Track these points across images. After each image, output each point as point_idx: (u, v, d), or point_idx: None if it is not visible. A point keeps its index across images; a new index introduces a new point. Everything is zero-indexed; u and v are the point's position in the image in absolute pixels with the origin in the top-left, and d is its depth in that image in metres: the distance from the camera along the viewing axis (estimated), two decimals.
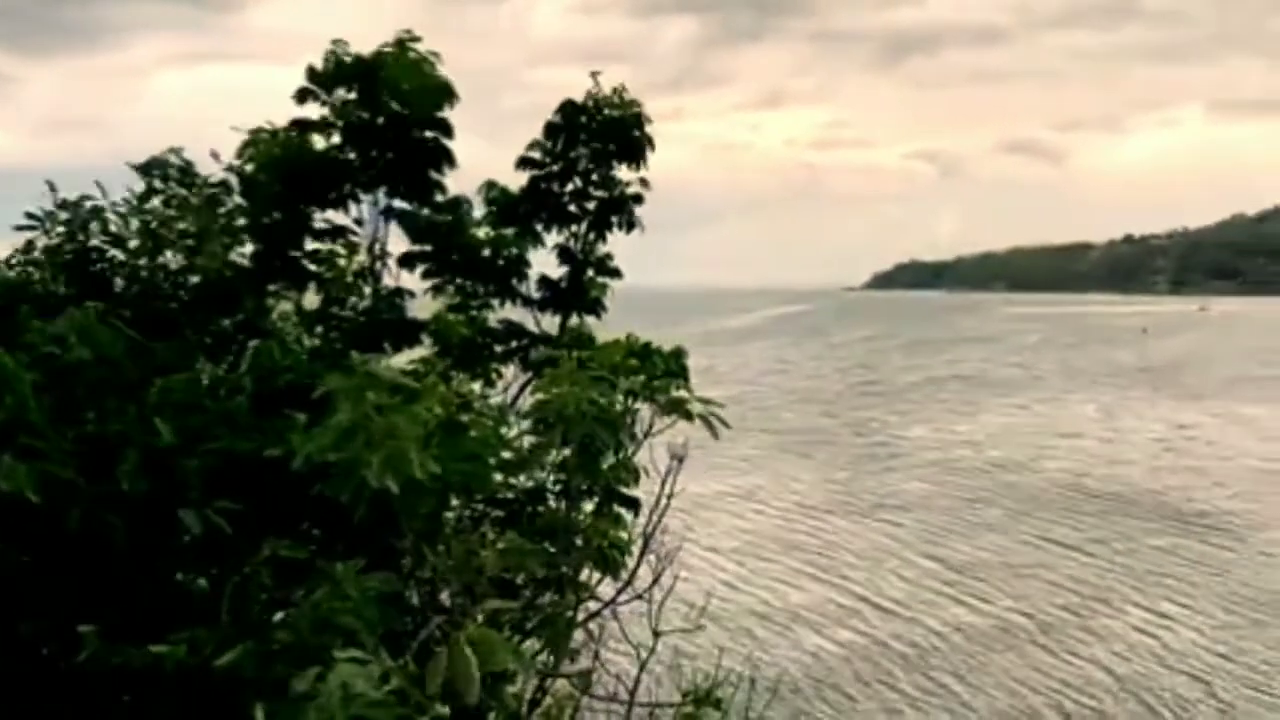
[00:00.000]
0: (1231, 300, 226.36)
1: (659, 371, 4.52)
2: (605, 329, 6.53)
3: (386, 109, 5.73)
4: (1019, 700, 19.47)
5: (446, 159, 5.82)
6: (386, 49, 5.73)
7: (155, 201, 5.93)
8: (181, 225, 5.71)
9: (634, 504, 5.23)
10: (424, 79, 5.68)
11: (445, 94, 5.72)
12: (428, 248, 6.18)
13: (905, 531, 31.47)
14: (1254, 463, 41.42)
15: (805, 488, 37.52)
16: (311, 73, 5.78)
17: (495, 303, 6.49)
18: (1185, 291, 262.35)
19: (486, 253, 6.36)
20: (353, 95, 5.78)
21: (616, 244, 6.92)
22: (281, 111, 6.03)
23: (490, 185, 6.63)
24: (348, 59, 5.76)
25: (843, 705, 19.41)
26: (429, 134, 5.77)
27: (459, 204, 6.12)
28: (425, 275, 6.45)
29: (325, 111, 5.84)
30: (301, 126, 5.80)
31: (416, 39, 5.75)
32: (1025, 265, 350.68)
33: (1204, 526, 31.34)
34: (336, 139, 5.82)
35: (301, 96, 5.80)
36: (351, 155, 5.77)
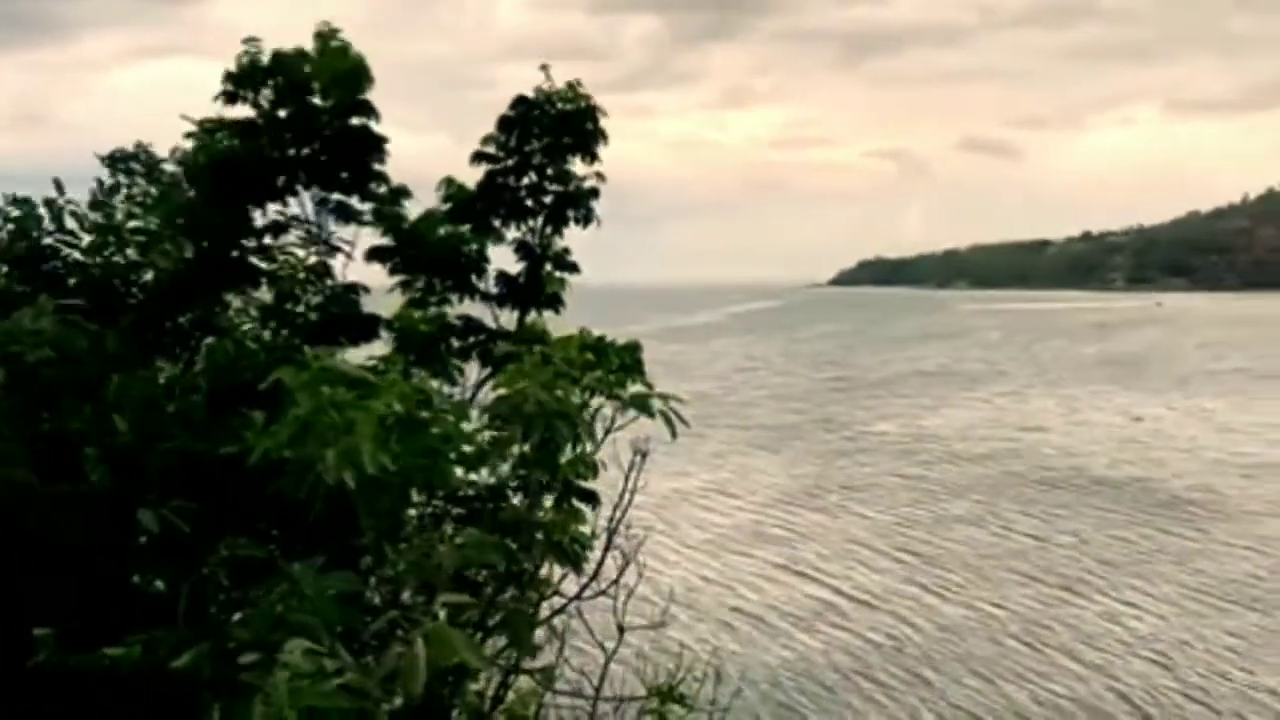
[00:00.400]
0: (1185, 296, 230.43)
1: (614, 366, 4.51)
2: (570, 325, 6.52)
3: (310, 103, 5.69)
4: (990, 687, 19.70)
5: (377, 146, 5.79)
6: (301, 49, 5.69)
7: (118, 197, 5.87)
8: (136, 222, 5.66)
9: (593, 498, 5.22)
10: (340, 66, 5.63)
11: (362, 76, 5.68)
12: (390, 242, 6.15)
13: (874, 524, 31.72)
14: (1213, 454, 42.23)
15: (774, 482, 37.71)
16: (229, 75, 5.74)
17: (454, 298, 6.47)
18: (1141, 288, 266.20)
19: (446, 248, 6.33)
20: (275, 93, 5.73)
21: (583, 242, 6.92)
22: (235, 109, 6.00)
23: (449, 181, 6.61)
24: (264, 59, 5.71)
25: (813, 696, 19.52)
26: (356, 121, 5.74)
27: (399, 194, 6.09)
28: (392, 271, 6.43)
29: (252, 112, 5.79)
30: (229, 128, 5.75)
31: (335, 30, 5.71)
32: (986, 262, 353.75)
33: (1167, 517, 31.90)
34: (267, 138, 5.76)
35: (229, 99, 5.75)
36: (285, 152, 5.72)
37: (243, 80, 5.75)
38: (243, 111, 5.83)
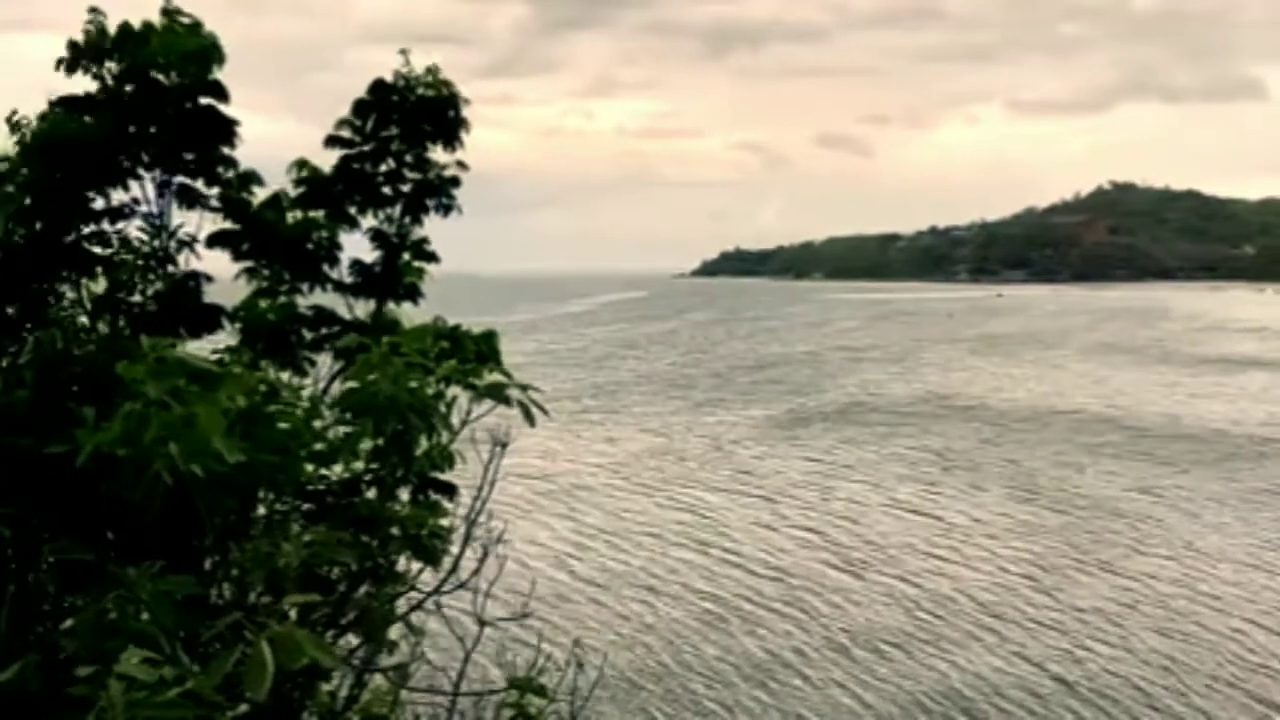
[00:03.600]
0: (1022, 287, 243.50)
1: (470, 354, 4.44)
2: (430, 317, 6.41)
3: (155, 80, 5.38)
4: (832, 663, 20.48)
5: (228, 128, 5.51)
6: (149, 24, 5.38)
7: None
8: None
9: (450, 490, 5.14)
10: (189, 43, 5.34)
11: (213, 55, 5.40)
12: (232, 226, 5.87)
13: (745, 507, 32.46)
14: (1073, 426, 45.79)
15: (645, 469, 38.10)
16: (73, 46, 5.38)
17: (305, 288, 6.23)
18: (984, 279, 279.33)
19: (295, 234, 6.09)
20: (119, 67, 5.40)
21: (452, 232, 6.76)
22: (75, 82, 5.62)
23: (301, 164, 6.37)
24: (110, 30, 5.37)
25: (672, 677, 19.84)
26: (204, 101, 5.44)
27: (249, 179, 5.82)
28: (238, 258, 6.13)
29: (93, 87, 5.44)
30: (67, 104, 5.38)
31: (179, 9, 5.42)
32: (841, 254, 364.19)
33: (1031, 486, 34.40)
34: (109, 115, 5.42)
35: (70, 68, 5.38)
36: (128, 131, 5.39)
37: (85, 51, 5.38)
38: (85, 84, 5.46)
